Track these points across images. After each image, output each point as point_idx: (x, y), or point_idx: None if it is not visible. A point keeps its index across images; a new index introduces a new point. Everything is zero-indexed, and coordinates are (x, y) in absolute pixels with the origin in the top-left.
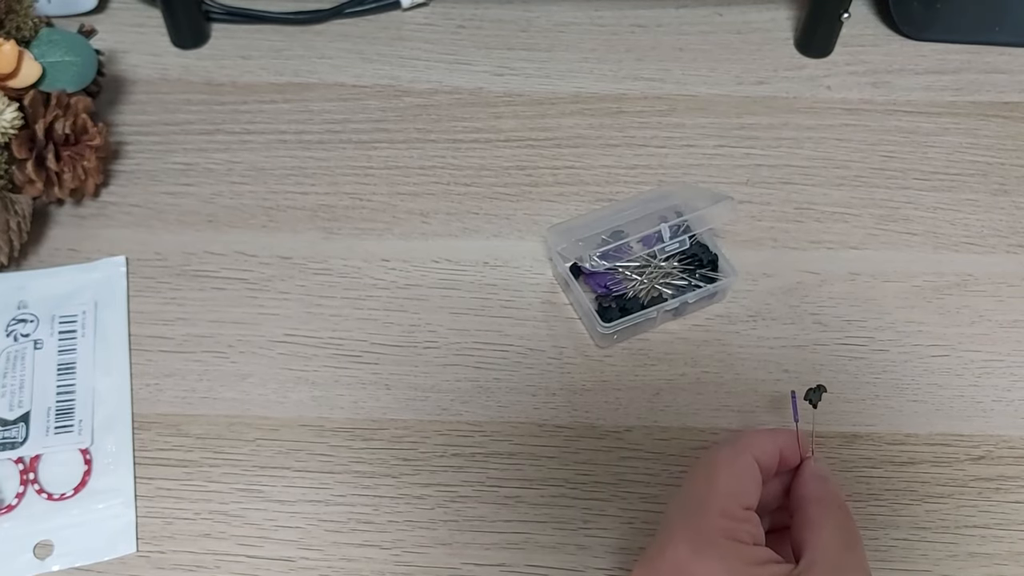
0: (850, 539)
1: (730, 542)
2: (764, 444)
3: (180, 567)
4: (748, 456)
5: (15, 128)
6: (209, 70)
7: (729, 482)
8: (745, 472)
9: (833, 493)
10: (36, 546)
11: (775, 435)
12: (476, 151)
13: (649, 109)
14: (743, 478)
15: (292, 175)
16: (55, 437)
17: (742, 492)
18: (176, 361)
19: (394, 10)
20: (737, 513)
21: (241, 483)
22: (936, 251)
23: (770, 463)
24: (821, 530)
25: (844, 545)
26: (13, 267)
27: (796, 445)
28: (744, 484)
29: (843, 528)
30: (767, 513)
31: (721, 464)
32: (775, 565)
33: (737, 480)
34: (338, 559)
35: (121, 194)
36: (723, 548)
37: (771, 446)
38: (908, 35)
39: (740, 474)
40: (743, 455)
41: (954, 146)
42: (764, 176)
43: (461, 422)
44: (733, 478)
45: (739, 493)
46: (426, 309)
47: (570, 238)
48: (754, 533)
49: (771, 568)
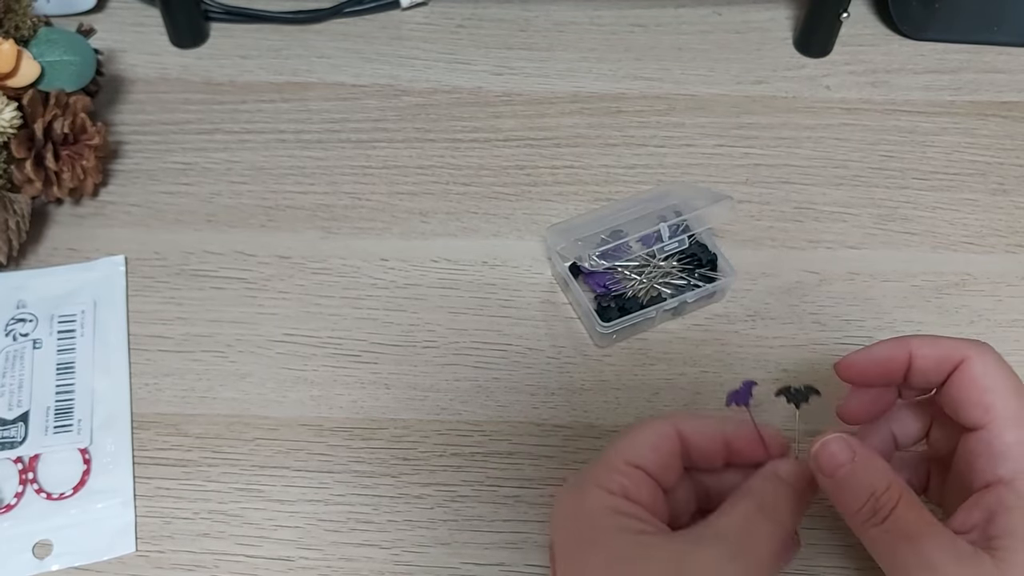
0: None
1: (593, 487)
2: (701, 425)
3: (179, 567)
4: (668, 426)
5: (14, 127)
6: (208, 69)
7: (627, 439)
8: (651, 436)
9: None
10: (35, 546)
11: (722, 422)
12: (475, 151)
13: (648, 109)
14: (641, 438)
15: (291, 174)
16: (54, 437)
17: (632, 449)
18: (175, 360)
19: (393, 9)
20: (617, 465)
21: (240, 483)
22: (935, 251)
23: (705, 445)
24: (724, 505)
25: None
26: (12, 266)
27: (757, 441)
28: (639, 444)
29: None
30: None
31: (637, 425)
32: (626, 518)
33: (634, 438)
34: (337, 559)
35: (120, 193)
36: (584, 490)
37: (709, 429)
38: (907, 35)
39: (642, 435)
40: (663, 424)
41: (953, 146)
42: (763, 176)
43: (460, 421)
44: (632, 436)
45: (628, 449)
46: (425, 308)
47: (569, 237)
48: (626, 486)
49: (620, 520)
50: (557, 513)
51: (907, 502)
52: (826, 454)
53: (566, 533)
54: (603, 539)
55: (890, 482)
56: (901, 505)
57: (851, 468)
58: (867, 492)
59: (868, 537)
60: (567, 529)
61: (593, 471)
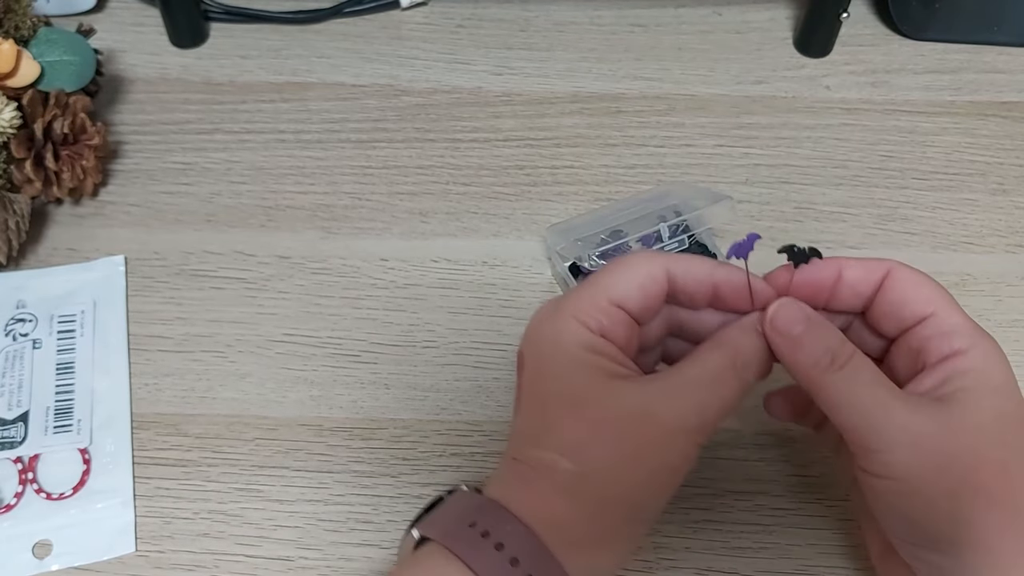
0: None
1: (572, 318)
2: (691, 268)
3: (179, 566)
4: (658, 267)
5: (13, 127)
6: (208, 69)
7: (615, 275)
8: (639, 275)
9: (748, 352)
10: (35, 546)
11: (714, 267)
12: (475, 150)
13: (648, 109)
14: (629, 277)
15: (291, 174)
16: (54, 437)
17: (618, 288)
18: (175, 361)
19: (393, 9)
20: (600, 303)
21: (240, 483)
22: (935, 251)
23: (692, 288)
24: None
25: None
26: (12, 266)
27: (745, 291)
28: (626, 283)
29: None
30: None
31: (626, 261)
32: (599, 357)
33: (621, 276)
34: (337, 558)
35: (120, 193)
36: (562, 319)
37: (700, 273)
38: (907, 35)
39: (631, 274)
40: (653, 264)
41: (953, 146)
42: (763, 176)
43: (460, 421)
44: (620, 273)
45: (615, 287)
46: (425, 308)
47: (569, 238)
48: (604, 325)
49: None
50: (532, 330)
51: (861, 355)
52: (783, 314)
53: (538, 354)
54: (571, 374)
55: (843, 339)
56: (857, 355)
57: (807, 325)
58: (823, 346)
59: (824, 385)
60: (540, 351)
61: (576, 301)
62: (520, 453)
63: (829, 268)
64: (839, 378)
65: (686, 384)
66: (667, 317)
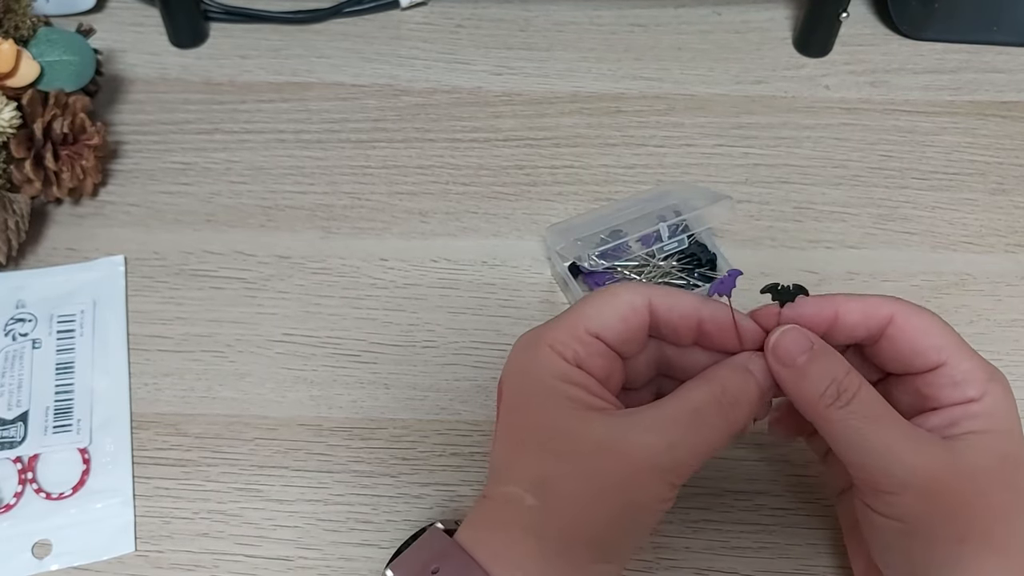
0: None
1: (547, 347)
2: (675, 302)
3: (178, 566)
4: (641, 299)
5: (13, 127)
6: (208, 69)
7: (596, 306)
8: (621, 307)
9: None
10: (34, 545)
11: (699, 302)
12: (475, 150)
13: (648, 108)
14: (610, 309)
15: (290, 174)
16: (53, 436)
17: (598, 318)
18: (174, 360)
19: (392, 9)
20: (577, 332)
21: (239, 482)
22: (934, 250)
23: (676, 323)
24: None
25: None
26: (11, 266)
27: (731, 329)
28: (606, 314)
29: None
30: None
31: (608, 291)
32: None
33: (602, 307)
34: (336, 558)
35: (119, 193)
36: (538, 348)
37: (684, 308)
38: (906, 34)
39: (612, 305)
40: (636, 295)
41: (952, 145)
42: (762, 175)
43: (460, 421)
44: (601, 304)
45: (595, 317)
46: (425, 308)
47: (569, 237)
48: (580, 356)
49: (567, 388)
50: (511, 360)
51: (868, 387)
52: (785, 343)
53: (515, 384)
54: (543, 404)
55: (849, 369)
56: (864, 389)
57: (811, 355)
58: (828, 378)
59: (830, 420)
60: (516, 380)
61: (554, 331)
62: (490, 489)
63: (824, 309)
64: (846, 414)
65: (662, 419)
66: (655, 354)
